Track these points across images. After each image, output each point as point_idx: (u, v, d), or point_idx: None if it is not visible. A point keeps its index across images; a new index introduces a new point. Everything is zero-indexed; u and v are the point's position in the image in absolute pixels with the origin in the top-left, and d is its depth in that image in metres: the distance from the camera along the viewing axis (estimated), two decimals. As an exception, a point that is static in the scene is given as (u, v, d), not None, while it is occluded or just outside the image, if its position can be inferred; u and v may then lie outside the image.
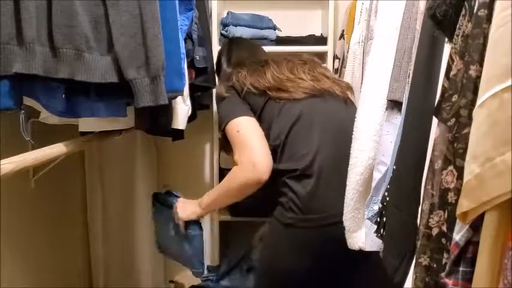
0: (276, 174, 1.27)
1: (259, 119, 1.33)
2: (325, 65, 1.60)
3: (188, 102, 1.40)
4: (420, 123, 0.80)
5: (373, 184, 1.00)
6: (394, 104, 0.96)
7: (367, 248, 1.05)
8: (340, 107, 1.35)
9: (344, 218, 1.12)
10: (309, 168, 1.23)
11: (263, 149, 1.26)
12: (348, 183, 1.11)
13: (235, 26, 1.93)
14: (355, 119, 1.09)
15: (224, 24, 1.95)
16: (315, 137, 1.26)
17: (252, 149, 1.25)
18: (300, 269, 1.25)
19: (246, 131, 1.28)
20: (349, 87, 1.41)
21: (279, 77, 1.34)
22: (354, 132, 1.09)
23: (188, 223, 1.45)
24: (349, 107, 1.35)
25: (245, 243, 1.81)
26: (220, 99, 1.37)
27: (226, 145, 1.37)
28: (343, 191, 1.12)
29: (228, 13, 1.98)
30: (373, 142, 1.04)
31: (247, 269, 1.80)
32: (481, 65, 0.57)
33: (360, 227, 1.11)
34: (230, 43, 1.67)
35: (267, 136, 1.31)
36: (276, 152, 1.29)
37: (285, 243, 1.27)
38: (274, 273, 1.30)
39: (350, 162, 1.10)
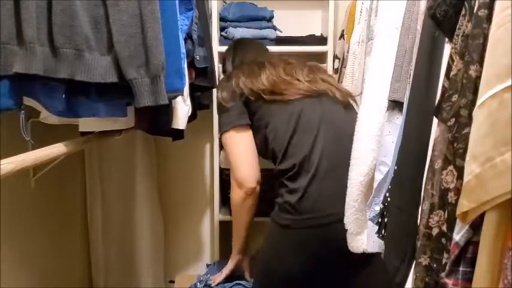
0: (277, 175, 1.29)
1: (258, 121, 1.35)
2: (330, 74, 1.61)
3: (188, 102, 1.40)
4: (421, 123, 0.80)
5: (375, 185, 1.00)
6: (395, 104, 0.96)
7: (369, 249, 1.05)
8: (338, 108, 1.35)
9: (346, 220, 1.10)
10: (304, 164, 1.24)
11: (247, 165, 1.34)
12: (349, 184, 1.09)
13: (235, 27, 1.93)
14: (358, 120, 1.08)
15: (223, 18, 1.94)
16: (310, 137, 1.27)
17: (237, 169, 1.34)
18: (299, 270, 1.25)
19: (234, 148, 1.35)
20: (351, 95, 1.40)
21: (274, 79, 1.34)
22: (356, 133, 1.08)
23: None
24: (348, 111, 1.35)
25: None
26: (220, 106, 1.40)
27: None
28: (340, 191, 1.12)
29: (225, 3, 1.99)
30: (377, 142, 1.03)
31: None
32: (481, 65, 0.57)
33: (363, 229, 1.10)
34: (234, 44, 1.67)
35: (266, 139, 1.32)
36: (275, 152, 1.30)
37: (283, 244, 1.27)
38: (273, 275, 1.30)
39: (352, 163, 1.09)
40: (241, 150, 1.35)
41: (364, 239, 1.10)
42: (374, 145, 1.03)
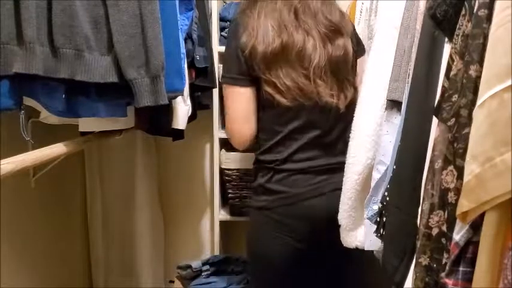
0: (256, 161, 1.29)
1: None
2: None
3: (188, 102, 1.40)
4: (420, 123, 0.80)
5: (373, 184, 1.00)
6: (393, 104, 0.96)
7: (366, 248, 1.05)
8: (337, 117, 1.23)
9: (340, 216, 1.13)
10: (287, 160, 1.23)
11: (246, 120, 1.24)
12: (344, 182, 1.11)
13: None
14: (354, 119, 1.08)
15: (223, 18, 1.94)
16: (301, 140, 1.23)
17: (234, 121, 1.26)
18: (279, 252, 1.25)
19: (236, 104, 1.24)
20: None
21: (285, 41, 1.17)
22: (352, 132, 1.09)
23: None
24: (346, 117, 1.22)
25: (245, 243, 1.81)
26: (230, 40, 1.26)
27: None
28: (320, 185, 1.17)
29: (225, 3, 1.98)
30: (373, 142, 1.04)
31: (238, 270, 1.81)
32: (481, 65, 0.57)
33: (356, 226, 1.12)
34: None
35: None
36: (260, 140, 1.27)
37: (261, 226, 1.27)
38: (258, 259, 1.31)
39: (347, 162, 1.10)
40: (244, 109, 1.24)
41: (357, 235, 1.12)
42: (369, 144, 1.04)
